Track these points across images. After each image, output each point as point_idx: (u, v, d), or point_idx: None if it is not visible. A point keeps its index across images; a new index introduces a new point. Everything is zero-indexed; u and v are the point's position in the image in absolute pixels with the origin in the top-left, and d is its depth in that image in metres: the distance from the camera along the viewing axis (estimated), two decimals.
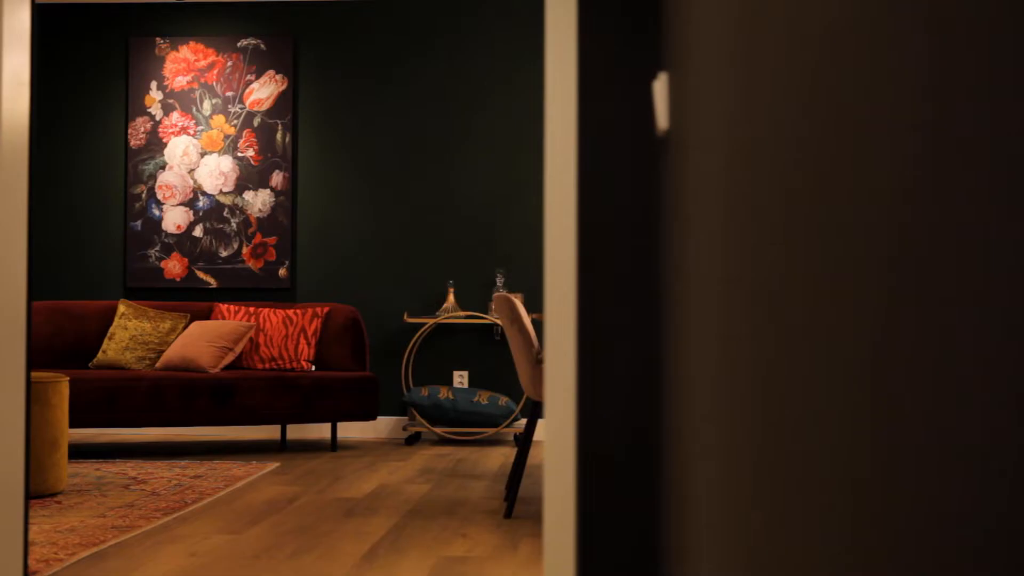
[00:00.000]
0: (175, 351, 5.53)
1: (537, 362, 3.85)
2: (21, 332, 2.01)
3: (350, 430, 6.20)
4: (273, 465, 5.00)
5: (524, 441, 4.33)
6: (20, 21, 1.96)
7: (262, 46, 6.32)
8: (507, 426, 5.90)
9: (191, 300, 6.29)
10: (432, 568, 3.02)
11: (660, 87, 1.56)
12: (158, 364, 5.57)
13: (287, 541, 3.36)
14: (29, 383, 2.00)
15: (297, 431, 6.21)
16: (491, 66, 6.25)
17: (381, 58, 6.29)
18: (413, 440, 5.99)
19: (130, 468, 4.87)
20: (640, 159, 1.79)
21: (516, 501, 4.04)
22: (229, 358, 5.55)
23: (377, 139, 6.29)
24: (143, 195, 6.33)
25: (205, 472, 4.76)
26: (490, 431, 5.91)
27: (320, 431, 6.21)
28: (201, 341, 5.54)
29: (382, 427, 6.20)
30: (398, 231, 6.26)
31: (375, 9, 6.30)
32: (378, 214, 6.26)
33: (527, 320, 3.88)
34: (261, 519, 3.72)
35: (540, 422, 5.84)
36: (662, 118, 1.55)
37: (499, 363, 6.20)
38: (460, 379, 6.20)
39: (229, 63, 6.33)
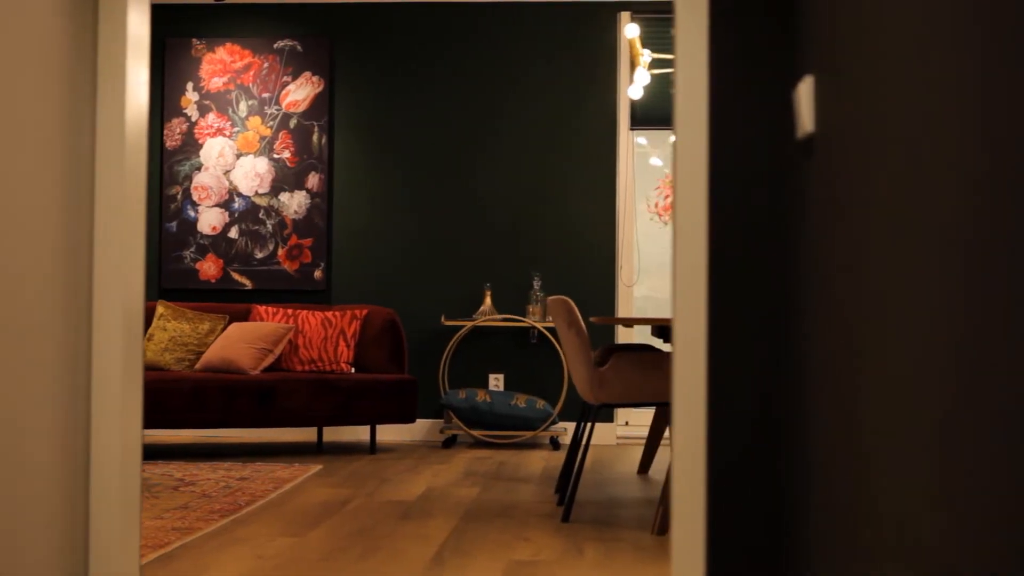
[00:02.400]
0: (215, 352, 5.52)
1: (596, 365, 3.84)
2: (139, 327, 2.01)
3: (386, 432, 6.19)
4: (316, 467, 4.99)
5: (574, 444, 4.32)
6: (140, 25, 1.96)
7: (298, 47, 6.31)
8: (544, 429, 5.89)
9: (226, 301, 6.29)
10: (504, 572, 3.00)
11: (805, 89, 1.55)
12: (197, 365, 5.57)
13: (351, 544, 3.35)
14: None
15: (333, 433, 6.20)
16: (527, 66, 6.25)
17: (417, 59, 6.29)
18: (450, 443, 5.98)
19: (174, 469, 4.86)
20: (774, 161, 1.78)
21: (567, 505, 4.02)
22: (269, 360, 5.55)
23: (413, 141, 6.28)
24: (178, 196, 6.32)
25: (250, 474, 4.75)
26: (527, 434, 5.90)
27: (355, 433, 6.20)
28: (241, 343, 5.53)
29: (417, 429, 6.19)
30: (434, 233, 6.25)
31: (412, 10, 6.30)
32: (414, 216, 6.26)
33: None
34: (319, 522, 3.71)
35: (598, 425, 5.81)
36: (807, 121, 1.54)
37: (535, 366, 6.19)
38: (496, 382, 6.19)
39: (265, 64, 6.33)
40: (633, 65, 4.79)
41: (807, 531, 1.73)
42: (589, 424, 4.39)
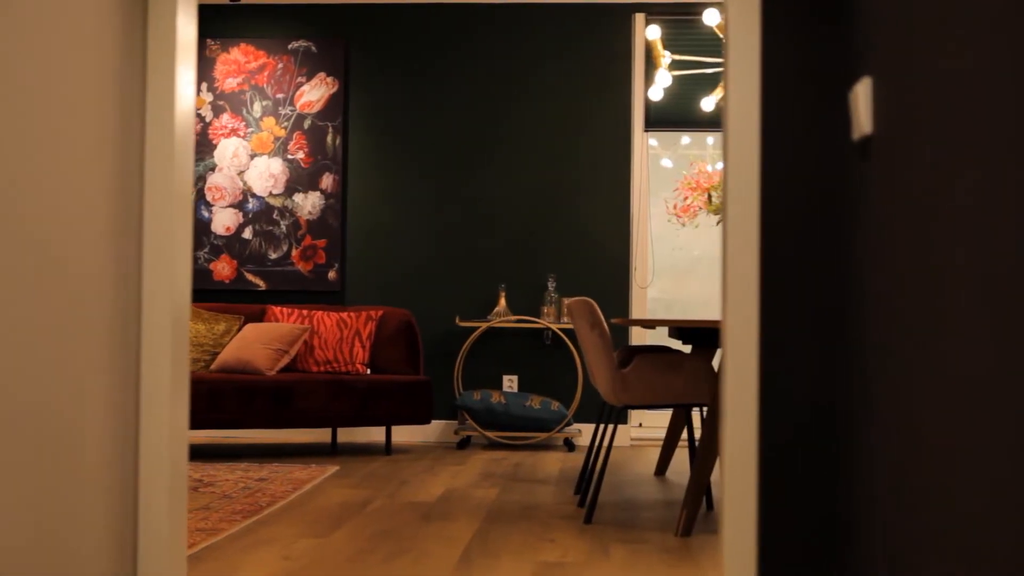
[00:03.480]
0: (231, 353, 5.52)
1: (620, 365, 3.84)
2: (186, 324, 2.01)
3: (400, 433, 6.19)
4: (333, 468, 4.99)
5: (592, 445, 4.32)
6: (188, 25, 1.96)
7: (313, 48, 6.31)
8: (559, 431, 5.89)
9: (239, 302, 6.29)
10: (533, 574, 3.00)
11: (863, 90, 1.55)
12: (213, 366, 5.56)
13: (376, 545, 3.34)
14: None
15: (347, 434, 6.20)
16: (541, 68, 6.25)
17: (432, 61, 6.29)
18: (464, 444, 5.97)
19: (191, 470, 4.86)
20: (827, 162, 1.78)
21: (589, 506, 4.02)
22: (285, 360, 5.54)
23: (427, 142, 6.28)
24: (192, 197, 6.31)
25: (268, 475, 4.75)
26: (542, 436, 5.89)
27: (369, 434, 6.19)
28: (256, 344, 5.53)
29: (431, 430, 6.19)
30: (449, 234, 6.25)
31: (426, 12, 6.30)
32: (429, 217, 6.26)
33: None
34: (341, 523, 3.70)
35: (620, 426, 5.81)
36: (864, 123, 1.54)
37: (548, 367, 6.19)
38: (509, 383, 6.18)
39: (280, 65, 6.33)
40: (654, 66, 4.79)
41: (863, 533, 1.73)
42: (611, 426, 4.39)
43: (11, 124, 1.49)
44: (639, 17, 6.20)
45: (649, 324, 3.97)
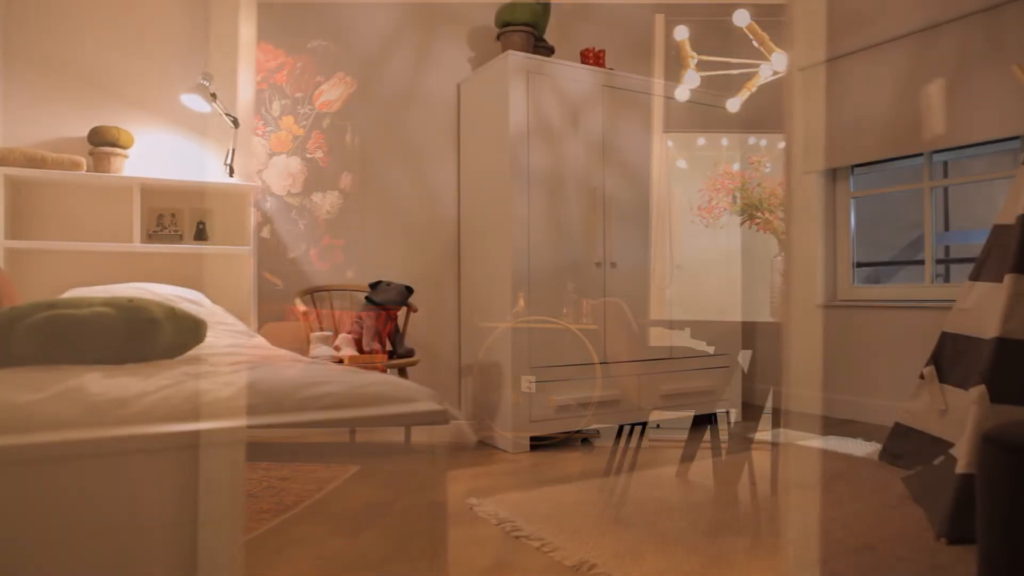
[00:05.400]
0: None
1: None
2: (248, 318, 2.01)
3: (418, 432, 6.18)
4: (354, 468, 4.98)
5: (619, 445, 4.31)
6: (248, 30, 1.96)
7: (332, 47, 6.30)
8: (577, 431, 5.88)
9: (258, 301, 6.28)
10: (569, 572, 3.00)
11: (936, 92, 1.54)
12: None
13: (407, 546, 3.34)
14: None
15: (364, 432, 6.19)
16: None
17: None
18: (483, 444, 5.97)
19: None
20: None
21: (616, 506, 4.01)
22: (305, 360, 5.54)
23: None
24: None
25: (290, 474, 4.75)
26: (560, 436, 5.88)
27: (385, 432, 6.18)
28: (275, 343, 5.52)
29: (449, 430, 6.18)
30: (467, 233, 6.24)
31: None
32: (447, 216, 6.25)
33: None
34: (369, 523, 3.70)
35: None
36: (938, 124, 1.53)
37: (568, 368, 6.18)
38: (528, 383, 6.17)
39: (299, 64, 6.32)
40: (682, 67, 4.78)
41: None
42: (638, 426, 4.39)
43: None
44: (659, 18, 6.20)
45: (675, 324, 3.97)
